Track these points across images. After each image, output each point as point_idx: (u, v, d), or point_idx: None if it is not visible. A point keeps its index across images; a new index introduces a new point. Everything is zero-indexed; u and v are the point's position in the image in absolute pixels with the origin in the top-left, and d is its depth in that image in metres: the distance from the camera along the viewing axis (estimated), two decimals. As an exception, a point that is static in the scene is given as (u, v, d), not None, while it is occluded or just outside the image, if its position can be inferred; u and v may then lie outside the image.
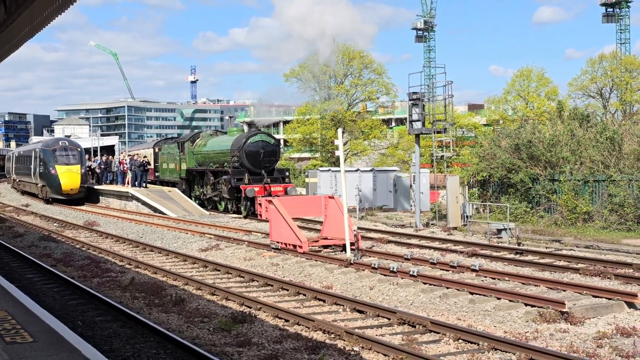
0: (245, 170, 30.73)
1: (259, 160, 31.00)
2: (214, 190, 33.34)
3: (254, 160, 30.90)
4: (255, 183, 30.04)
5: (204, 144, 36.00)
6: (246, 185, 29.84)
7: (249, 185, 29.80)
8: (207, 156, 35.15)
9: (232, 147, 31.74)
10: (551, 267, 16.92)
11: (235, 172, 30.73)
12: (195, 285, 15.33)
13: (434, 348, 10.37)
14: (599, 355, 9.86)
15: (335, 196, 21.79)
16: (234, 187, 30.39)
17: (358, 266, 16.92)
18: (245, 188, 29.40)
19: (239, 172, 30.75)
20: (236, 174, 30.61)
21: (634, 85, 61.18)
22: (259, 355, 9.96)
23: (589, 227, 26.14)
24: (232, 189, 30.48)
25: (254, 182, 30.15)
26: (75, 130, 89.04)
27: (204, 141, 36.46)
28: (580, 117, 34.50)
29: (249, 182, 30.16)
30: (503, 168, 30.47)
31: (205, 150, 35.55)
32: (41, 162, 41.66)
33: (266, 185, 29.98)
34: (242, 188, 29.64)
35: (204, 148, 35.78)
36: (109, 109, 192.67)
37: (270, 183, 30.24)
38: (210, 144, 35.49)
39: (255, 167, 30.82)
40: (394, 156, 55.49)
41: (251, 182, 30.12)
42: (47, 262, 18.99)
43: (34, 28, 13.62)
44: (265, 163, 31.18)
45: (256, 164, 30.89)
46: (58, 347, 8.21)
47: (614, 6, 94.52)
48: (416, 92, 27.52)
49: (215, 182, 33.06)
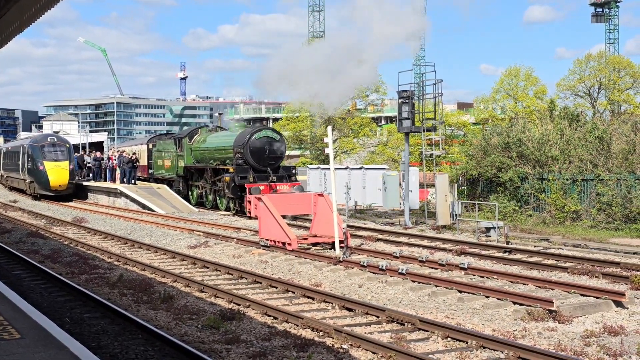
0: (249, 168, 29.46)
1: (264, 157, 29.73)
2: (213, 188, 32.52)
3: (258, 158, 29.64)
4: (261, 181, 28.67)
5: (203, 140, 34.83)
6: (251, 183, 28.43)
7: (254, 183, 28.40)
8: (207, 153, 33.94)
9: (235, 144, 30.53)
10: (539, 265, 16.98)
11: (239, 170, 29.46)
12: (183, 282, 15.29)
13: (422, 346, 10.38)
14: (586, 353, 9.89)
15: (324, 194, 21.77)
16: (238, 186, 29.12)
17: (347, 264, 16.93)
18: (250, 186, 27.70)
19: (243, 169, 29.48)
20: (240, 172, 29.32)
21: (622, 85, 61.49)
22: (247, 353, 9.95)
23: (577, 226, 26.24)
24: (236, 187, 29.25)
25: (258, 180, 28.79)
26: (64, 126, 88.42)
27: (202, 137, 35.30)
28: (570, 116, 34.61)
29: (254, 180, 28.80)
30: (492, 167, 30.54)
31: (204, 147, 34.39)
32: (29, 158, 41.47)
33: (272, 183, 28.66)
34: (246, 186, 28.02)
35: (203, 144, 34.62)
36: (98, 105, 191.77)
37: (276, 181, 28.93)
38: (210, 140, 34.33)
39: (260, 165, 29.54)
40: (384, 154, 55.58)
41: (256, 180, 28.75)
42: (35, 259, 18.90)
43: (23, 23, 13.56)
44: (271, 160, 29.89)
45: (261, 161, 29.64)
46: (46, 343, 8.17)
47: (603, 6, 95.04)
48: (406, 90, 27.53)
49: (216, 180, 32.05)
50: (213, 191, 32.78)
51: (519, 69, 60.02)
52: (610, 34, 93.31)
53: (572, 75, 62.65)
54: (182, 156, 36.35)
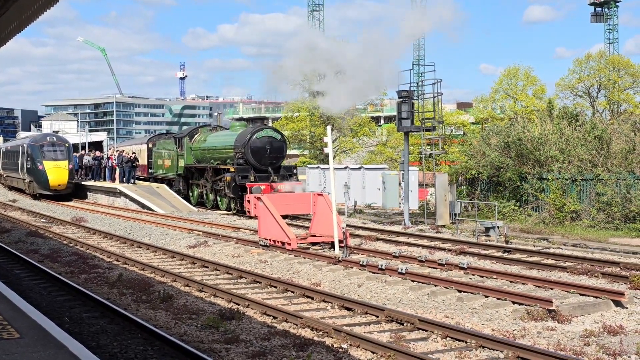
0: (250, 168, 29.36)
1: (265, 157, 29.63)
2: (214, 188, 32.41)
3: (259, 157, 29.55)
4: (262, 181, 28.53)
5: (204, 140, 34.68)
6: (252, 183, 28.29)
7: (255, 183, 28.24)
8: (207, 152, 33.81)
9: (236, 143, 30.40)
10: (539, 265, 16.98)
11: (240, 170, 29.35)
12: (183, 281, 15.28)
13: (421, 346, 10.38)
14: (586, 353, 9.89)
15: (324, 193, 21.77)
16: (239, 185, 28.99)
17: (346, 263, 16.92)
18: (251, 186, 27.48)
19: (244, 169, 29.37)
20: (241, 172, 29.21)
21: (621, 85, 61.50)
22: (247, 352, 9.94)
23: (576, 225, 26.23)
24: (237, 187, 29.10)
25: (260, 179, 28.71)
26: (64, 126, 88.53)
27: (203, 136, 35.16)
28: (569, 116, 34.62)
29: (255, 179, 28.72)
30: (492, 166, 30.54)
31: (205, 146, 34.26)
32: (29, 157, 41.47)
33: (273, 183, 28.34)
34: (247, 186, 27.81)
35: (203, 144, 34.48)
36: (97, 105, 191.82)
37: (277, 181, 28.65)
38: (210, 140, 34.21)
39: (261, 164, 29.46)
40: (383, 154, 55.56)
41: (257, 180, 28.63)
42: (34, 258, 18.89)
43: (23, 22, 13.55)
44: (272, 160, 29.80)
45: (262, 160, 29.55)
46: (45, 343, 8.17)
47: (603, 6, 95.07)
48: (405, 89, 27.51)
49: (217, 179, 31.95)
50: (214, 191, 32.68)
51: (518, 68, 60.01)
52: (610, 33, 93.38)
53: (571, 74, 62.65)
54: (182, 156, 36.19)
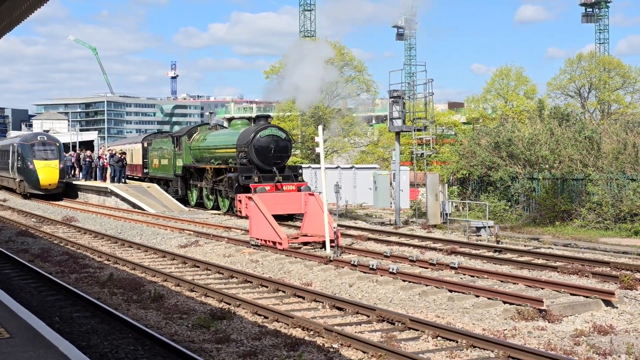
0: (254, 168, 28.29)
1: (270, 157, 28.40)
2: (215, 188, 31.66)
3: (264, 157, 28.34)
4: (266, 181, 27.51)
5: (203, 139, 33.69)
6: (256, 183, 27.22)
7: (259, 183, 27.22)
8: (207, 152, 32.86)
9: (239, 142, 29.27)
10: (529, 265, 17.01)
11: (243, 170, 28.27)
12: (174, 281, 15.26)
13: (413, 345, 10.39)
14: (576, 352, 9.92)
15: (315, 193, 21.75)
16: (242, 186, 27.69)
17: (338, 263, 16.92)
18: (255, 187, 26.40)
19: (248, 169, 28.28)
20: (244, 172, 28.13)
21: (612, 85, 61.78)
22: (237, 352, 9.94)
23: (567, 225, 26.33)
24: (240, 187, 27.77)
25: (264, 180, 27.65)
26: (54, 125, 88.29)
27: (202, 135, 34.17)
28: (560, 116, 34.74)
29: (259, 180, 27.64)
30: (483, 166, 30.62)
31: (204, 145, 33.28)
32: (19, 156, 41.33)
33: (278, 183, 27.43)
34: (251, 187, 26.59)
35: (203, 143, 33.50)
36: (88, 104, 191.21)
37: (282, 181, 27.70)
38: (210, 139, 33.22)
39: (266, 164, 28.31)
40: (374, 154, 55.65)
41: (261, 181, 27.58)
42: (25, 258, 18.83)
43: (13, 21, 13.49)
44: (277, 159, 28.59)
45: (266, 160, 28.34)
46: (35, 343, 8.14)
47: (593, 6, 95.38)
48: (397, 89, 27.54)
49: (218, 180, 31.11)
50: (214, 192, 31.84)
51: (510, 68, 60.26)
52: (601, 34, 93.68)
53: (562, 74, 62.96)
54: (180, 155, 35.18)
